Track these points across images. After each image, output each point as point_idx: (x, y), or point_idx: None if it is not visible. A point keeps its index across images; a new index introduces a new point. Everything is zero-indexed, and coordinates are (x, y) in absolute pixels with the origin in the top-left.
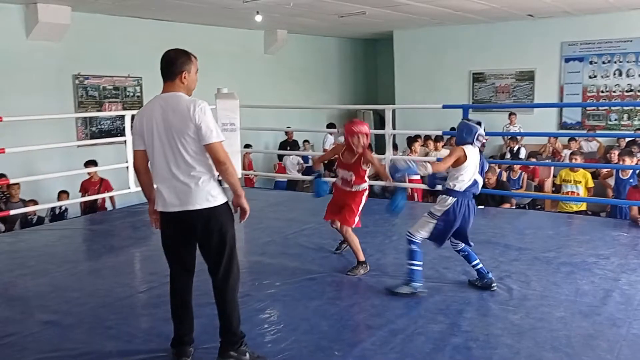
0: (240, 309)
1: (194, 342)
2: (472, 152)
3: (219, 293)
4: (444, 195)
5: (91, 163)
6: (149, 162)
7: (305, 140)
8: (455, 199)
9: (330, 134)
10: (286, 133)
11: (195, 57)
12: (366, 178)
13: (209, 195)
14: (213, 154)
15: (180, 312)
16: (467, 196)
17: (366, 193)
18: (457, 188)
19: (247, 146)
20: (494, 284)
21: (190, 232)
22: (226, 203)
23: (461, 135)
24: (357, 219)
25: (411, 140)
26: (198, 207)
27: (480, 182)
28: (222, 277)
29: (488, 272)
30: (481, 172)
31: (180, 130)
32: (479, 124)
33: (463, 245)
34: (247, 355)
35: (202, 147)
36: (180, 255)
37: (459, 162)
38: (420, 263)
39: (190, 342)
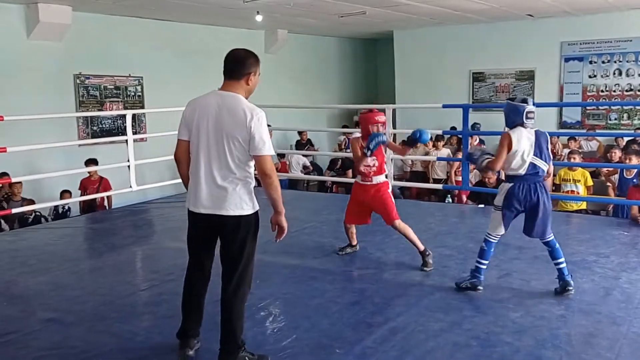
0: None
1: (199, 335)
2: (522, 135)
3: (227, 301)
4: (503, 183)
5: (91, 162)
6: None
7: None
8: (512, 184)
9: (344, 134)
10: (300, 133)
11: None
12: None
13: (243, 202)
14: (261, 165)
15: (189, 307)
16: (529, 180)
17: (389, 190)
18: (512, 173)
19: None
20: (570, 287)
21: (214, 236)
22: (255, 213)
23: (508, 118)
24: (396, 209)
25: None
26: (229, 212)
27: (543, 165)
28: (234, 287)
29: (568, 274)
30: (540, 154)
31: (232, 133)
32: (525, 101)
33: (547, 238)
34: (247, 359)
35: (247, 156)
36: (200, 257)
37: (509, 148)
38: (487, 262)
39: (195, 336)
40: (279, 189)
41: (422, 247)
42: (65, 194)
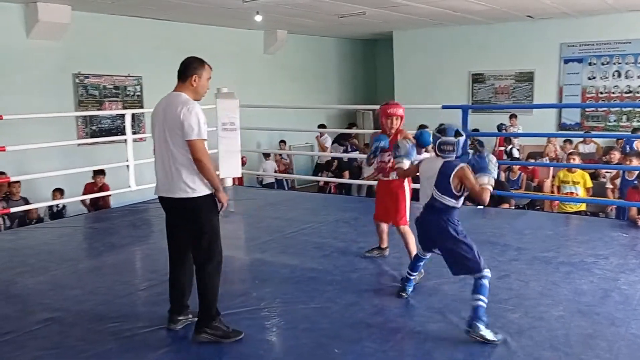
0: (219, 293)
1: (183, 312)
2: (427, 160)
3: (198, 277)
4: None
5: (100, 173)
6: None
7: (282, 141)
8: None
9: (321, 134)
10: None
11: (209, 66)
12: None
13: (187, 187)
14: (191, 150)
15: (170, 286)
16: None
17: (407, 189)
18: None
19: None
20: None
21: (172, 217)
22: (207, 195)
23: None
24: (407, 214)
25: None
26: (176, 195)
27: (434, 193)
28: (201, 263)
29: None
30: (435, 183)
31: (171, 125)
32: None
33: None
34: (220, 331)
35: (185, 143)
36: (172, 236)
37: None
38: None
39: (179, 312)
40: (212, 170)
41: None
42: (56, 192)
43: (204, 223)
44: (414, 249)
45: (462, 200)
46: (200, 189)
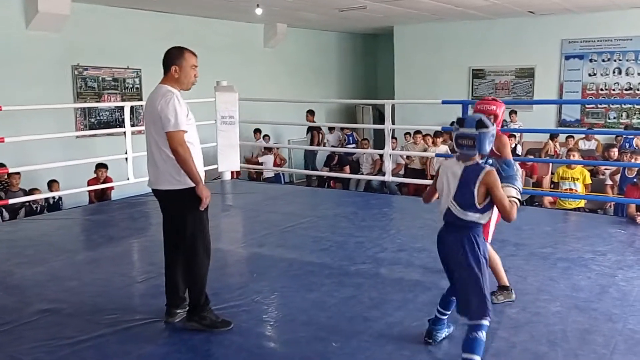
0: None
1: (181, 305)
2: (443, 166)
3: (185, 268)
4: None
5: (102, 167)
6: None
7: (266, 135)
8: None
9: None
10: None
11: (192, 53)
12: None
13: (173, 178)
14: (169, 141)
15: (167, 278)
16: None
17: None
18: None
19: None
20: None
21: (162, 208)
22: (190, 188)
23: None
24: (491, 231)
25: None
26: (163, 187)
27: (453, 208)
28: (187, 255)
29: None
30: (455, 195)
31: (152, 118)
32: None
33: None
34: (208, 320)
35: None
36: (165, 228)
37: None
38: None
39: (177, 305)
40: (189, 162)
41: (504, 282)
42: (53, 183)
43: (188, 214)
44: (498, 270)
45: (489, 213)
46: (186, 181)
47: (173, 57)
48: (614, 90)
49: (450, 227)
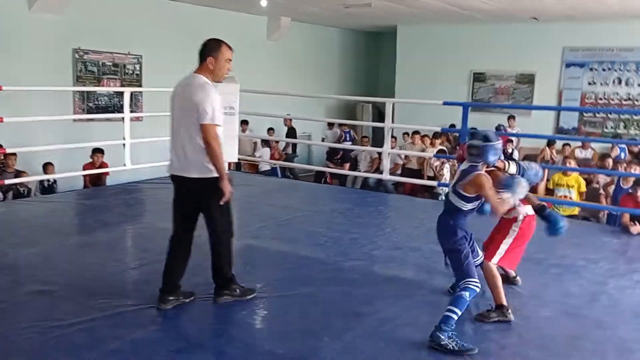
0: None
1: (175, 292)
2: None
3: (214, 249)
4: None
5: (99, 151)
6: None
7: (270, 128)
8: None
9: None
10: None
11: (228, 47)
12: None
13: (204, 167)
14: (203, 133)
15: (167, 263)
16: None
17: (519, 223)
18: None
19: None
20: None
21: (183, 195)
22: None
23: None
24: (500, 253)
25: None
26: (193, 175)
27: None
28: (217, 236)
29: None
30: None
31: (187, 107)
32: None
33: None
34: (237, 290)
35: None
36: (178, 215)
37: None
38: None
39: (170, 292)
40: (219, 156)
41: (501, 301)
42: (48, 166)
43: (214, 202)
44: (497, 290)
45: (473, 205)
46: (215, 171)
47: (210, 49)
48: (612, 100)
49: (444, 209)
